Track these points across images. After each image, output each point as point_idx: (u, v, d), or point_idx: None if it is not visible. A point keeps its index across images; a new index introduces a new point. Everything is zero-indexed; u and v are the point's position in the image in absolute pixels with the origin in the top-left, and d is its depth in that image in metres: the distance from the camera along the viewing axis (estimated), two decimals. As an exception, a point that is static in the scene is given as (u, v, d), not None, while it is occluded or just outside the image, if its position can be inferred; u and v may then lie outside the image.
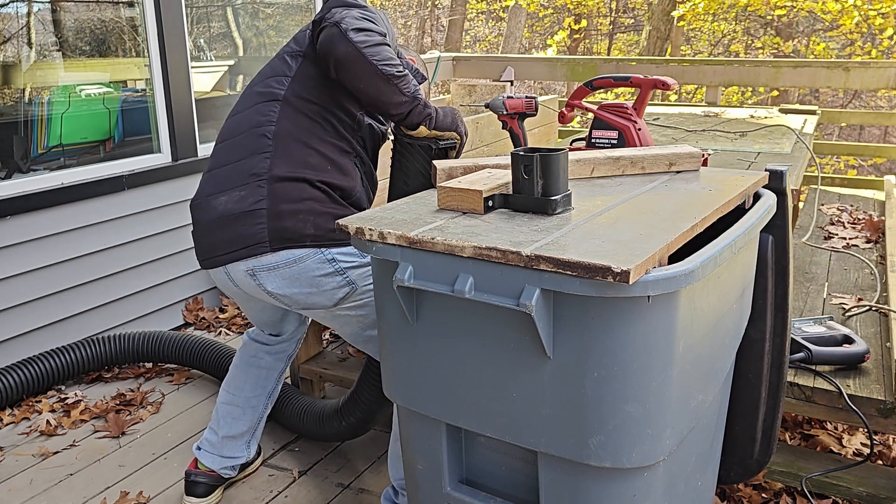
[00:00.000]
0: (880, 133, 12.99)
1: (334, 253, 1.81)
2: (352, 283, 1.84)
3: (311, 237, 1.77)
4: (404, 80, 1.73)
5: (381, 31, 1.74)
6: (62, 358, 2.89)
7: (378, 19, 1.79)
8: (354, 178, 1.88)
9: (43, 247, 3.00)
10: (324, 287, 1.82)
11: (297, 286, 1.81)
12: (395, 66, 1.71)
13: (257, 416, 2.23)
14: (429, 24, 17.71)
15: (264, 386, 2.23)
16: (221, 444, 2.20)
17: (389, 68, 1.70)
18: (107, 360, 3.00)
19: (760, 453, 1.83)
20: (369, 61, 1.68)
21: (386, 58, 1.70)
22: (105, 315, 3.27)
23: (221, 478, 2.23)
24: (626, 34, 16.23)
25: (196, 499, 2.20)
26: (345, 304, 1.86)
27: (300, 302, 1.84)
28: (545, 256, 1.17)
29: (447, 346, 1.39)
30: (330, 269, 1.80)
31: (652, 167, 1.73)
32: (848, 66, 4.85)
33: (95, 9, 3.37)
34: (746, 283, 1.62)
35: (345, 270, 1.82)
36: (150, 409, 2.82)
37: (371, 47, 1.68)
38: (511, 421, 1.35)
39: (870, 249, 3.16)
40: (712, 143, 3.09)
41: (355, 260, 1.84)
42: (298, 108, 1.82)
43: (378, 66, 1.69)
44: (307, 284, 1.81)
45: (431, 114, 1.81)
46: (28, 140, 3.09)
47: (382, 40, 1.72)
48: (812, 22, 13.08)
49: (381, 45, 1.70)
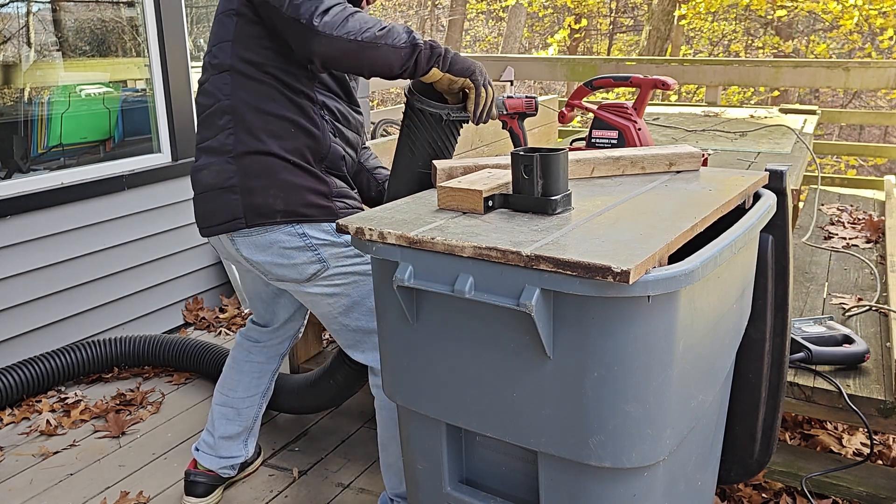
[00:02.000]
0: (880, 133, 12.99)
1: (305, 228, 1.78)
2: (323, 261, 1.80)
3: (282, 213, 1.76)
4: (391, 34, 1.61)
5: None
6: (63, 359, 2.89)
7: None
8: (323, 132, 1.80)
9: (43, 247, 2.99)
10: (293, 259, 1.80)
11: (267, 254, 1.80)
12: (372, 27, 1.59)
13: (252, 416, 2.23)
14: (429, 24, 17.70)
15: (258, 386, 2.22)
16: (218, 445, 2.20)
17: (370, 34, 1.59)
18: (108, 363, 3.00)
19: (761, 453, 1.83)
20: (352, 45, 1.58)
21: (360, 27, 1.58)
22: (105, 315, 3.27)
23: (221, 477, 2.23)
24: (626, 34, 16.23)
25: (195, 498, 2.20)
26: (316, 283, 1.84)
27: (272, 272, 1.84)
28: (545, 256, 1.17)
29: (447, 346, 1.39)
30: (300, 243, 1.78)
31: (652, 167, 1.73)
32: (848, 66, 4.85)
33: (95, 9, 3.37)
34: (746, 282, 1.62)
35: (316, 247, 1.79)
36: (150, 409, 2.82)
37: (342, 25, 1.57)
38: (511, 421, 1.35)
39: (870, 249, 3.16)
40: (712, 143, 3.09)
41: (328, 238, 1.80)
42: (248, 73, 1.74)
43: (362, 41, 1.58)
44: (277, 255, 1.80)
45: (440, 52, 1.67)
46: (28, 140, 3.09)
47: (343, 4, 1.61)
48: (812, 22, 13.08)
49: (347, 14, 1.58)
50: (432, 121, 1.84)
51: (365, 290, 1.86)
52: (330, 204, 1.80)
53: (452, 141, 1.90)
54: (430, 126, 1.85)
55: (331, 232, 1.80)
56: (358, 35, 1.58)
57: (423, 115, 1.83)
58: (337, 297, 1.87)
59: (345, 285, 1.85)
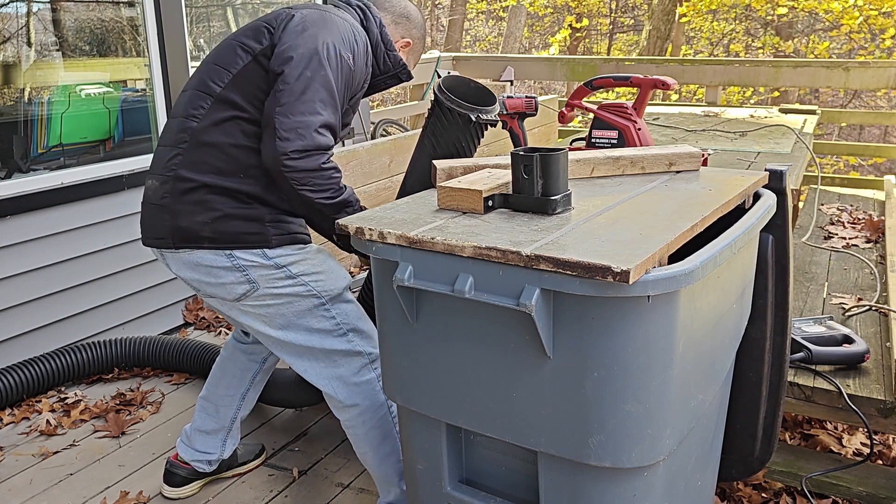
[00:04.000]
0: (880, 133, 12.99)
1: (234, 250, 1.76)
2: (252, 283, 1.77)
3: (208, 239, 1.74)
4: (333, 207, 1.72)
5: (332, 117, 1.68)
6: (64, 360, 2.89)
7: (357, 56, 1.74)
8: (270, 185, 1.76)
9: (43, 247, 2.99)
10: (221, 279, 1.77)
11: (195, 272, 1.79)
12: (327, 191, 1.69)
13: (230, 417, 2.23)
14: (429, 24, 17.70)
15: (238, 386, 2.22)
16: (193, 436, 2.23)
17: (321, 198, 1.70)
18: (109, 364, 3.00)
19: (761, 451, 1.84)
20: (298, 192, 1.68)
21: (318, 186, 1.68)
22: (105, 315, 3.27)
23: (197, 471, 2.26)
24: (626, 34, 16.23)
25: (170, 487, 2.25)
26: (246, 303, 1.81)
27: (201, 290, 1.83)
28: (545, 256, 1.17)
29: (447, 345, 1.39)
30: (227, 263, 1.76)
31: (652, 167, 1.73)
32: (848, 66, 4.85)
33: (95, 9, 3.37)
34: (746, 282, 1.62)
35: (244, 268, 1.76)
36: (150, 408, 2.82)
37: (304, 177, 1.66)
38: (511, 421, 1.35)
39: (870, 249, 3.16)
40: (712, 143, 3.09)
41: (257, 260, 1.77)
42: (228, 110, 1.73)
43: (313, 199, 1.69)
44: (205, 273, 1.78)
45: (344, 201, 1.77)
46: (28, 140, 3.09)
47: (325, 165, 1.68)
48: (812, 22, 13.08)
49: (318, 172, 1.67)
50: (460, 121, 1.84)
51: (300, 309, 1.82)
52: (262, 230, 1.77)
53: (476, 142, 1.91)
54: (458, 126, 1.85)
55: (261, 255, 1.77)
56: (314, 195, 1.69)
57: (451, 115, 1.84)
58: (270, 318, 1.83)
59: (277, 305, 1.81)
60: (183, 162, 1.73)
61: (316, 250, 1.87)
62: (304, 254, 1.83)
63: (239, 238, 1.75)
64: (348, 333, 1.87)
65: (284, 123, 1.62)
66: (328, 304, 1.84)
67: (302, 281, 1.81)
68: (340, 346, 1.86)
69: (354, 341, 1.88)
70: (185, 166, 1.73)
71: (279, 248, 1.79)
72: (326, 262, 1.87)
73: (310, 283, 1.82)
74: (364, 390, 1.89)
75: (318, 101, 1.65)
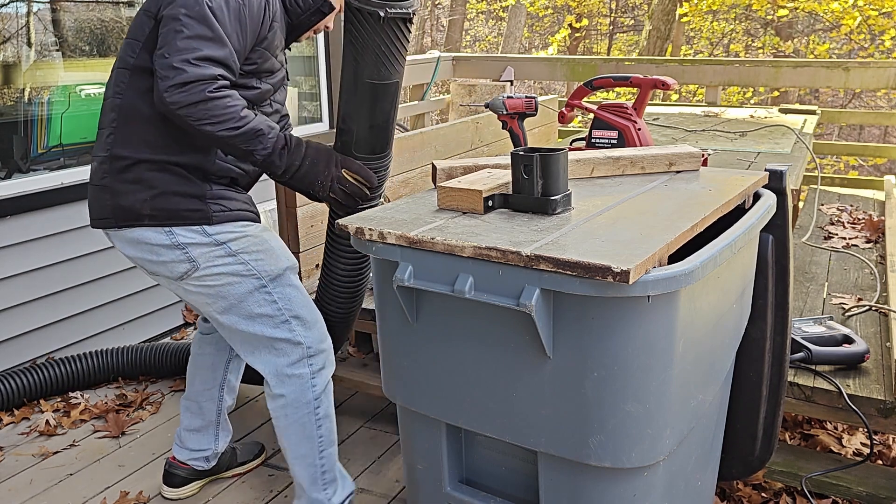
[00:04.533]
0: (880, 133, 12.99)
1: (173, 227, 1.75)
2: (193, 261, 1.76)
3: (149, 217, 1.73)
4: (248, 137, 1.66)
5: (214, 48, 1.61)
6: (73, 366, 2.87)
7: (222, 16, 1.64)
8: (207, 152, 1.76)
9: (43, 247, 2.99)
10: (162, 257, 1.77)
11: (137, 250, 1.79)
12: (226, 121, 1.62)
13: (215, 410, 2.22)
14: (429, 24, 17.70)
15: (213, 379, 2.21)
16: (184, 436, 2.24)
17: (223, 130, 1.62)
18: (119, 372, 2.98)
19: (762, 450, 1.84)
20: (198, 129, 1.62)
21: (214, 118, 1.61)
22: (105, 315, 3.27)
23: (196, 470, 2.26)
24: (626, 34, 16.23)
25: (170, 488, 2.25)
26: (188, 282, 1.80)
27: (146, 268, 1.83)
28: (545, 256, 1.17)
29: (447, 345, 1.39)
30: (167, 241, 1.75)
31: (652, 167, 1.73)
32: (848, 66, 4.85)
33: (95, 9, 3.37)
34: (746, 282, 1.62)
35: (184, 245, 1.75)
36: (151, 408, 2.82)
37: (190, 107, 1.59)
38: (511, 421, 1.35)
39: (869, 249, 3.16)
40: (712, 143, 3.09)
41: (196, 238, 1.75)
42: (147, 78, 1.69)
43: (214, 133, 1.62)
44: (146, 251, 1.77)
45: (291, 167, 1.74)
46: (28, 140, 3.09)
47: (206, 87, 1.59)
48: (812, 22, 13.08)
49: (207, 102, 1.59)
50: (372, 21, 1.74)
51: (241, 291, 1.81)
52: (203, 206, 1.75)
53: (399, 45, 1.80)
54: (372, 28, 1.75)
55: (200, 232, 1.76)
56: (210, 127, 1.61)
57: (361, 16, 1.74)
58: (213, 299, 1.82)
59: (219, 286, 1.80)
60: (116, 140, 1.73)
61: (261, 229, 1.85)
62: (245, 231, 1.81)
63: (178, 215, 1.73)
64: (290, 321, 1.85)
65: (163, 63, 1.59)
66: (269, 285, 1.82)
67: (242, 259, 1.79)
68: (281, 334, 1.85)
69: (296, 330, 1.86)
70: (118, 144, 1.72)
71: (219, 225, 1.77)
72: (269, 241, 1.85)
73: (250, 263, 1.80)
74: (294, 383, 1.88)
75: (194, 38, 1.60)
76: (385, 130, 1.91)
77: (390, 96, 1.87)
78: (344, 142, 1.90)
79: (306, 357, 1.88)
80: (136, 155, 1.72)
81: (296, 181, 1.79)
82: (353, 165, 1.84)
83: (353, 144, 1.89)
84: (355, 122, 1.88)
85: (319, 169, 1.79)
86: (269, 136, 1.70)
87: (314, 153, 1.79)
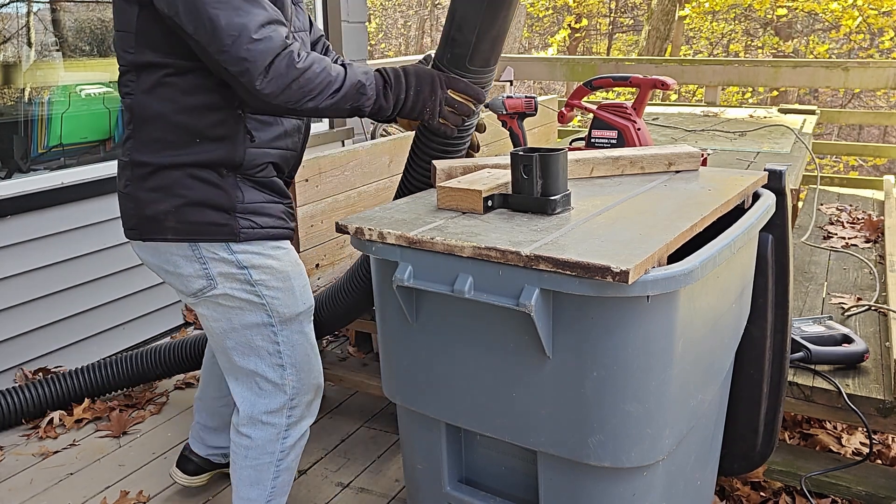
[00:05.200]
0: (879, 133, 13.00)
1: (199, 243, 1.63)
2: (211, 279, 1.64)
3: (172, 230, 1.61)
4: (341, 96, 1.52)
5: None
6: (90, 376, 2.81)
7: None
8: (234, 140, 1.59)
9: (43, 247, 2.99)
10: (180, 269, 1.65)
11: (155, 258, 1.67)
12: (325, 89, 1.49)
13: (230, 413, 2.06)
14: (429, 24, 17.69)
15: (226, 387, 2.07)
16: (202, 432, 2.19)
17: (326, 99, 1.50)
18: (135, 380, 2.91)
19: (763, 446, 1.84)
20: (304, 110, 1.50)
21: (311, 91, 1.48)
22: (105, 315, 3.27)
23: (212, 462, 2.23)
24: (625, 34, 16.23)
25: (183, 474, 2.22)
26: (202, 300, 1.68)
27: (162, 277, 1.71)
28: (544, 256, 1.17)
29: (447, 345, 1.39)
30: (189, 252, 1.63)
31: (651, 167, 1.74)
32: (847, 66, 4.85)
33: (95, 9, 3.37)
34: (746, 282, 1.62)
35: (206, 260, 1.63)
36: (152, 408, 2.82)
37: (286, 92, 1.46)
38: (510, 420, 1.35)
39: (869, 249, 3.16)
40: (711, 143, 3.09)
41: (220, 254, 1.63)
42: (153, 72, 1.55)
43: (319, 106, 1.50)
44: (165, 260, 1.66)
45: (388, 103, 1.59)
46: (28, 140, 3.09)
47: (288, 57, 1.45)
48: (812, 22, 13.09)
49: (299, 77, 1.46)
50: None
51: (248, 321, 1.70)
52: (230, 221, 1.62)
53: None
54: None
55: (225, 249, 1.63)
56: (302, 103, 1.48)
57: None
58: (219, 317, 1.71)
59: (228, 307, 1.69)
60: (135, 145, 1.60)
61: (289, 261, 1.72)
62: (270, 260, 1.68)
63: (203, 230, 1.61)
64: (286, 367, 1.75)
65: (227, 59, 1.42)
66: (277, 326, 1.71)
67: (259, 291, 1.67)
68: (272, 376, 1.75)
69: (287, 379, 1.76)
70: (137, 149, 1.60)
71: (246, 244, 1.64)
72: (292, 279, 1.72)
73: (266, 297, 1.68)
74: (265, 431, 1.78)
75: (231, 11, 1.41)
76: (501, 41, 1.71)
77: (512, 2, 1.68)
78: (456, 54, 1.67)
79: (287, 407, 1.78)
80: (157, 160, 1.58)
81: (404, 115, 1.63)
82: (458, 84, 1.65)
83: (467, 57, 1.67)
84: (472, 32, 1.65)
85: (426, 95, 1.61)
86: (369, 84, 1.55)
87: (416, 80, 1.61)
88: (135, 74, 1.58)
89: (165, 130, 1.57)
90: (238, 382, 1.79)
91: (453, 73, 1.67)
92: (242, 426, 1.79)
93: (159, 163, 1.58)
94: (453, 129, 1.67)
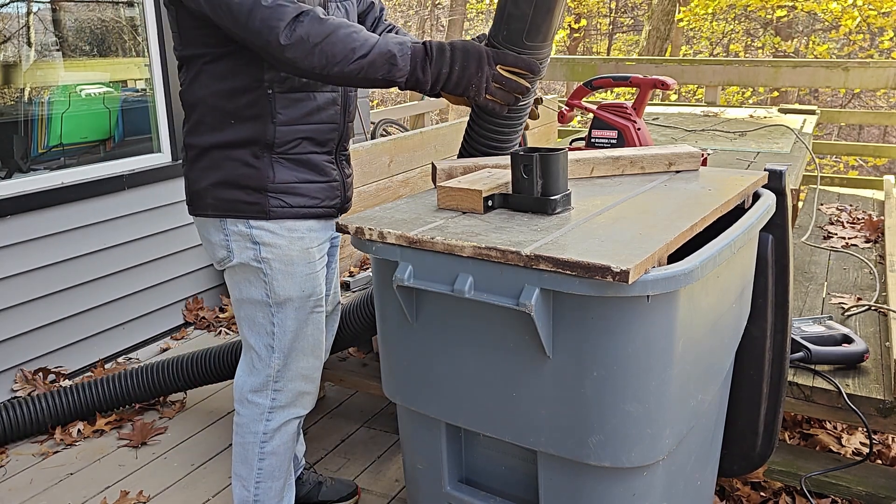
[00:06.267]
0: (879, 133, 13.01)
1: (227, 218, 1.72)
2: (230, 251, 1.73)
3: (212, 206, 1.72)
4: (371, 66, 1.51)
5: None
6: None
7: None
8: (264, 119, 1.66)
9: (43, 247, 3.00)
10: (209, 237, 1.76)
11: (200, 229, 1.81)
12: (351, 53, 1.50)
13: None
14: (429, 24, 17.70)
15: None
16: None
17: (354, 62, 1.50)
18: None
19: (763, 446, 1.84)
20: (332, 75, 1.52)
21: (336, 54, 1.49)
22: (105, 315, 3.27)
23: None
24: (625, 34, 16.24)
25: None
26: (226, 269, 1.79)
27: (204, 246, 1.83)
28: (545, 256, 1.17)
29: (447, 345, 1.39)
30: (218, 224, 1.73)
31: (651, 167, 1.74)
32: (847, 66, 4.85)
33: (95, 9, 3.37)
34: (746, 282, 1.62)
35: (229, 232, 1.72)
36: (169, 411, 2.82)
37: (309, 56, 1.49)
38: (510, 420, 1.35)
39: (869, 249, 3.16)
40: (712, 143, 3.09)
41: (239, 227, 1.70)
42: (195, 64, 1.67)
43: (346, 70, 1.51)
44: (205, 230, 1.78)
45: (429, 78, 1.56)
46: (28, 140, 3.09)
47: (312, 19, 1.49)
48: (812, 22, 13.09)
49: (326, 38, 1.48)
50: None
51: (252, 296, 1.76)
52: (260, 200, 1.69)
53: None
54: None
55: (244, 223, 1.70)
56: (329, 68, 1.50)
57: None
58: (233, 291, 1.80)
59: (240, 281, 1.77)
60: (187, 129, 1.74)
61: (300, 247, 1.75)
62: (282, 240, 1.72)
63: (236, 207, 1.70)
64: (275, 350, 1.79)
65: (250, 37, 1.50)
66: (273, 307, 1.76)
67: (263, 269, 1.73)
68: (263, 354, 1.80)
69: (273, 361, 1.80)
70: (188, 133, 1.74)
71: (268, 221, 1.70)
72: (297, 265, 1.75)
73: (268, 275, 1.74)
74: (249, 409, 1.84)
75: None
76: (558, 12, 1.62)
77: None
78: (513, 29, 1.59)
79: (271, 389, 1.82)
80: (200, 142, 1.70)
81: (448, 91, 1.59)
82: (507, 59, 1.57)
83: (524, 32, 1.58)
84: (530, 4, 1.57)
85: (471, 72, 1.55)
86: (401, 55, 1.53)
87: (462, 56, 1.55)
88: (184, 67, 1.71)
89: (205, 114, 1.69)
90: (244, 355, 1.87)
91: (509, 49, 1.59)
92: (236, 402, 1.88)
93: (201, 144, 1.71)
94: (504, 106, 1.60)
